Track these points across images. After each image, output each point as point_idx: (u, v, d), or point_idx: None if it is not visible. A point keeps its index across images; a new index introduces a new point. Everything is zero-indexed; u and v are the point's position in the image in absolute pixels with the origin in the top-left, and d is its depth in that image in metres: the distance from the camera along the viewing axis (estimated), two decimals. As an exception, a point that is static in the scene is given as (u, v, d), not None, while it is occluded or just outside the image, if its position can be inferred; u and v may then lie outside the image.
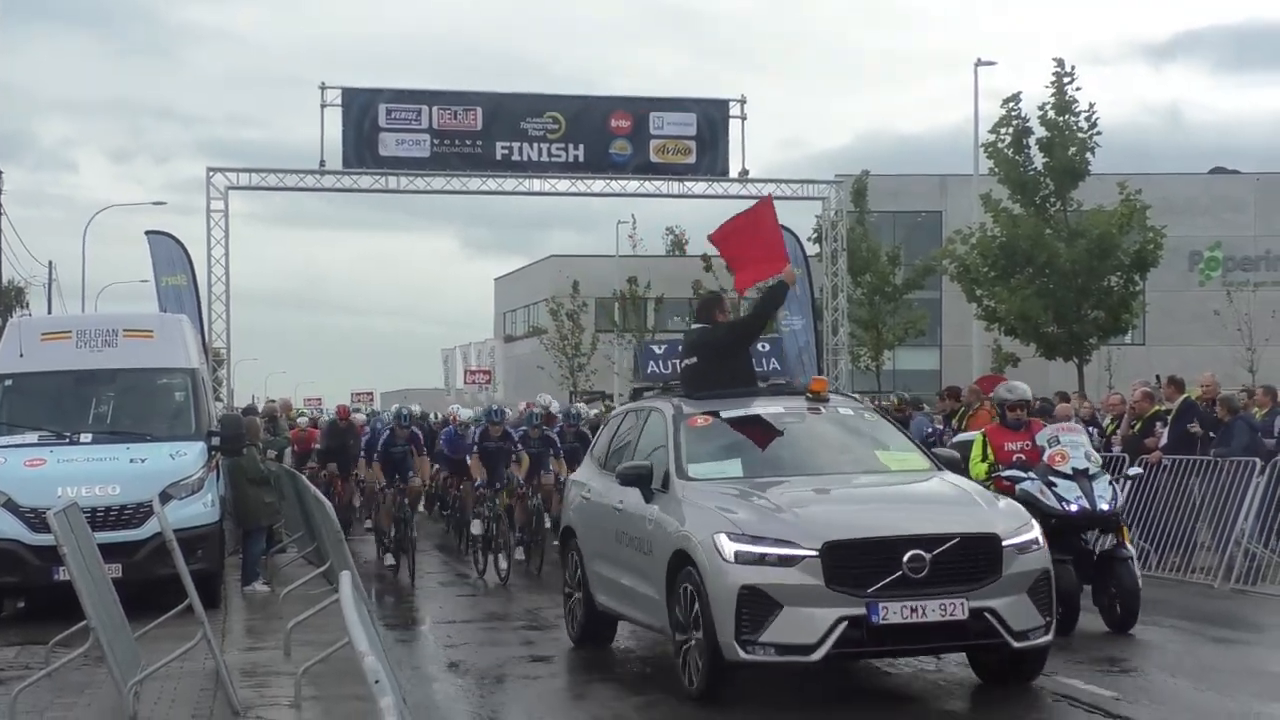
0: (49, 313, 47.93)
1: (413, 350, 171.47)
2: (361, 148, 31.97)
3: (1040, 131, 32.11)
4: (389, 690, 4.99)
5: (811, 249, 37.21)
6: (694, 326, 12.57)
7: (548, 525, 18.44)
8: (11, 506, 14.43)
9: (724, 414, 11.24)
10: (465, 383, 57.13)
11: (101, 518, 14.08)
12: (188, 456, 15.19)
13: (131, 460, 14.89)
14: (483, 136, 32.26)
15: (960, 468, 11.71)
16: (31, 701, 9.91)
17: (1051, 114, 31.95)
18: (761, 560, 9.42)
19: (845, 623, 9.26)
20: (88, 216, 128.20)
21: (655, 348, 19.76)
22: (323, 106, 31.96)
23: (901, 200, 55.97)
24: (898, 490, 10.80)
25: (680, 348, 14.46)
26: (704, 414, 11.25)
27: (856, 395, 12.72)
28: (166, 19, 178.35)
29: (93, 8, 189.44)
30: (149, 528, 14.07)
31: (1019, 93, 32.26)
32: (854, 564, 9.36)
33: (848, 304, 36.95)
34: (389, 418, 24.50)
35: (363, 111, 31.96)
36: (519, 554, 17.98)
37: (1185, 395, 17.91)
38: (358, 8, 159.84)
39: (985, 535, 9.67)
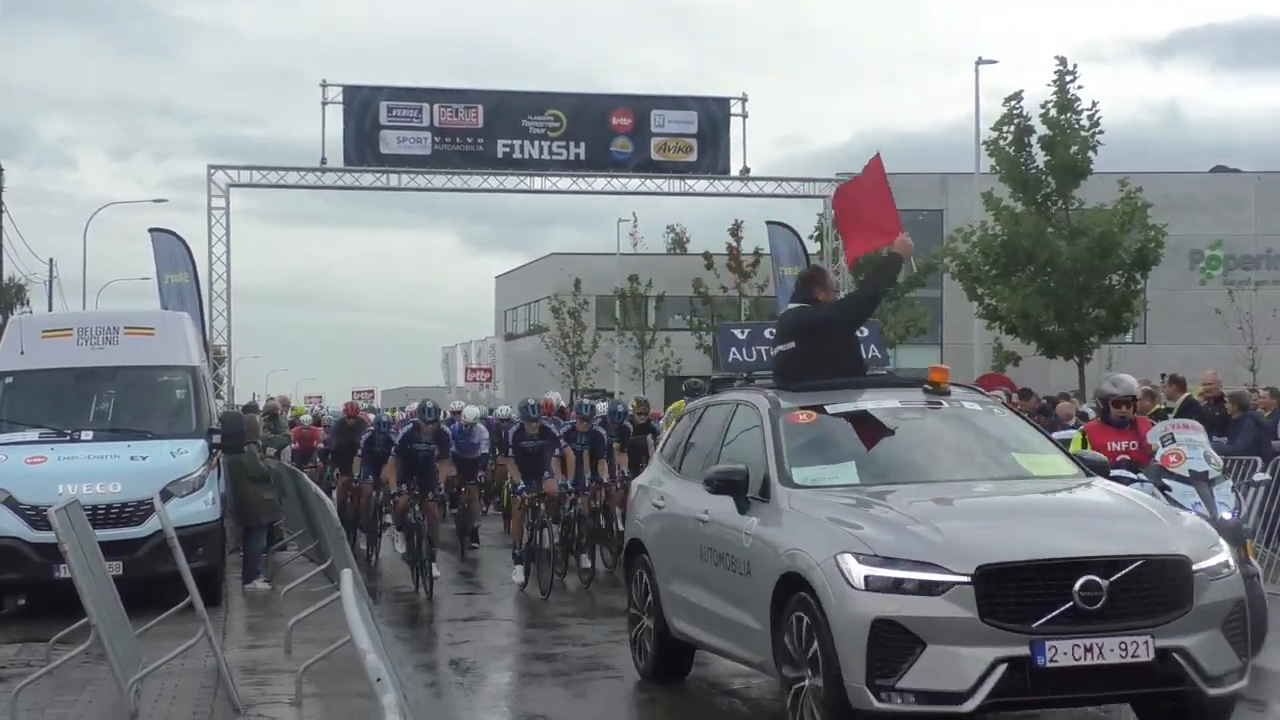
0: (50, 310, 47.93)
1: (414, 348, 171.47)
2: (363, 145, 32.02)
3: (1042, 130, 32.09)
4: (391, 688, 4.98)
5: (812, 247, 37.24)
6: (791, 306, 10.78)
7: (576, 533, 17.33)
8: (12, 504, 14.42)
9: (830, 408, 9.57)
10: (466, 380, 57.16)
11: (102, 515, 14.07)
12: (189, 454, 15.19)
13: (132, 458, 14.88)
14: (484, 134, 32.31)
15: (1108, 472, 9.94)
16: (33, 699, 9.90)
17: (1053, 112, 31.93)
18: (898, 587, 7.79)
19: (1004, 665, 7.63)
20: (87, 214, 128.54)
21: (737, 332, 17.01)
22: (324, 104, 32.01)
23: (902, 198, 54.91)
24: (1054, 501, 9.01)
25: (772, 331, 12.98)
26: (806, 408, 9.61)
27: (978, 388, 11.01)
28: (166, 16, 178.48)
29: (92, 5, 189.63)
30: (150, 525, 14.06)
31: (1021, 91, 32.27)
32: (1015, 592, 7.74)
33: (849, 302, 36.91)
34: (404, 415, 24.01)
35: (364, 109, 32.01)
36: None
37: (1187, 394, 17.89)
38: (358, 5, 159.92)
39: (1173, 558, 8.03)
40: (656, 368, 53.89)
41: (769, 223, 34.96)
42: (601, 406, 26.24)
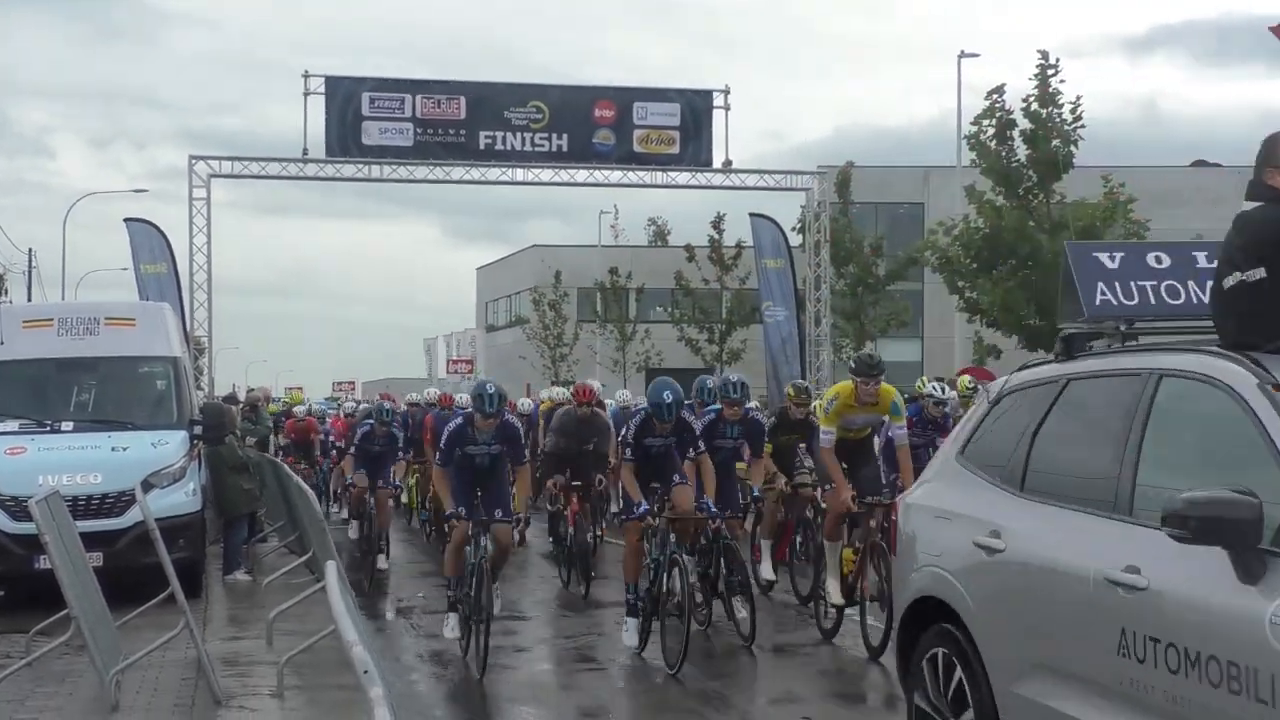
0: (29, 300, 47.80)
1: (395, 339, 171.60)
2: (345, 136, 31.95)
3: (1024, 123, 32.12)
4: (378, 681, 4.95)
5: (794, 240, 37.27)
6: (1248, 208, 6.34)
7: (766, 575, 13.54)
8: (-8, 495, 14.37)
9: None
10: (447, 372, 57.20)
11: (83, 506, 14.01)
12: (169, 445, 15.14)
13: (113, 449, 14.84)
14: (466, 126, 32.26)
15: None
16: (12, 690, 9.85)
17: (1035, 106, 31.96)
18: None
19: None
20: (66, 203, 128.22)
21: (1104, 257, 10.71)
22: (306, 95, 31.92)
23: (884, 192, 55.99)
24: None
25: (1159, 256, 8.31)
26: None
27: None
28: (148, 4, 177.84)
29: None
30: (130, 516, 14.02)
31: (1003, 85, 32.29)
32: None
33: (830, 295, 37.02)
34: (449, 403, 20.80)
35: (346, 100, 31.94)
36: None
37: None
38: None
39: None
40: (637, 360, 53.89)
41: (751, 215, 34.97)
42: (622, 395, 24.84)
